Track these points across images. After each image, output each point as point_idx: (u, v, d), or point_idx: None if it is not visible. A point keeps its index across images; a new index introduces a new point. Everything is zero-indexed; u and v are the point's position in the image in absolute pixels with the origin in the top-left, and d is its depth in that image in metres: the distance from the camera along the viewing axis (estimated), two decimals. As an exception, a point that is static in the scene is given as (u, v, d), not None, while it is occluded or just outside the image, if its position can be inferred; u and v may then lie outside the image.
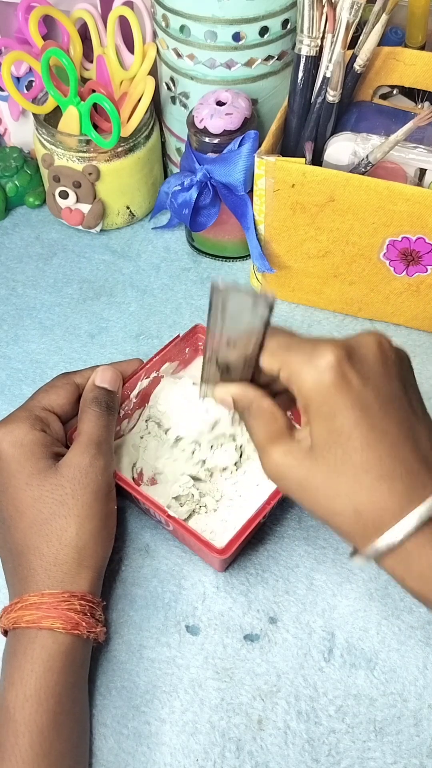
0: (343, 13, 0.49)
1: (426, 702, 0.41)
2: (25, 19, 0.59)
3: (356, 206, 0.50)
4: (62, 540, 0.39)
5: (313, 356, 0.34)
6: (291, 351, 0.35)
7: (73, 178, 0.61)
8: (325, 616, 0.44)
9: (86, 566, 0.40)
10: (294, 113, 0.54)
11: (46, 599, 0.38)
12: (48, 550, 0.39)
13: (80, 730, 0.39)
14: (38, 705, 0.36)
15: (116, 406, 0.45)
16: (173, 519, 0.42)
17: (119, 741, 0.40)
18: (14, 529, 0.40)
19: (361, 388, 0.33)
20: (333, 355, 0.33)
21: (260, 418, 0.37)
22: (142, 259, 0.64)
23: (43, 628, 0.38)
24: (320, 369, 0.33)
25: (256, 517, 0.42)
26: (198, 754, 0.40)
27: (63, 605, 0.38)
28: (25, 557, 0.39)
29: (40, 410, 0.43)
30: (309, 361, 0.34)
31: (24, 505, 0.40)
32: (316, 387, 0.34)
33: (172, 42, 0.57)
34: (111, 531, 0.42)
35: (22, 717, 0.36)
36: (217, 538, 0.44)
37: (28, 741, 0.36)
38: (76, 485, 0.40)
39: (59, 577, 0.39)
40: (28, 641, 0.38)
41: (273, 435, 0.36)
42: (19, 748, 0.35)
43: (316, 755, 0.40)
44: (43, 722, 0.36)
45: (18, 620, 0.38)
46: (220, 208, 0.57)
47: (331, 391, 0.33)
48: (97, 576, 0.41)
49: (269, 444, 0.36)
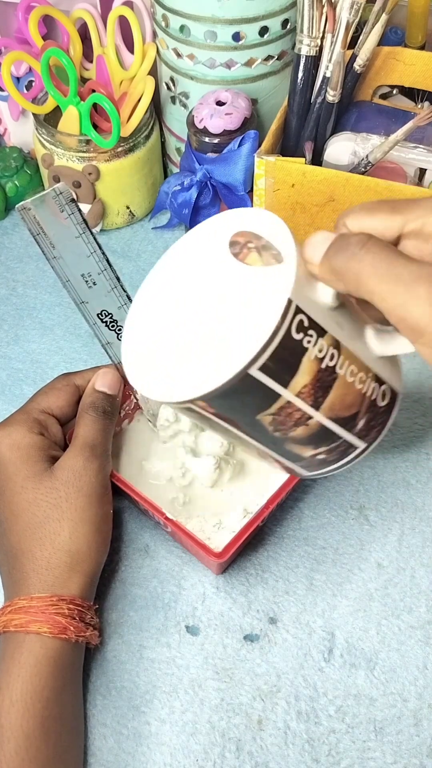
0: (343, 13, 0.49)
1: (426, 702, 0.41)
2: (25, 19, 0.59)
3: (356, 206, 0.50)
4: (55, 544, 0.39)
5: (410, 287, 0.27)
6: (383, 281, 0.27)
7: (73, 178, 0.61)
8: (325, 616, 0.44)
9: (78, 570, 0.40)
10: (294, 113, 0.54)
11: (34, 603, 0.38)
12: (41, 554, 0.39)
13: (70, 734, 0.38)
14: (24, 710, 0.36)
15: (115, 410, 0.45)
16: (171, 521, 0.42)
17: (119, 741, 0.40)
18: (9, 532, 0.40)
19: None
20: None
21: (380, 252, 0.28)
22: (142, 259, 0.64)
23: (30, 632, 0.37)
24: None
25: (254, 521, 0.42)
26: (198, 755, 0.40)
27: (50, 609, 0.38)
28: (19, 560, 0.39)
29: (38, 413, 0.43)
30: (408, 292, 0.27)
31: (19, 508, 0.40)
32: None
33: (172, 42, 0.57)
34: (106, 535, 0.42)
35: (7, 722, 0.36)
36: (216, 540, 0.44)
37: (13, 746, 0.35)
38: (69, 488, 0.40)
39: (50, 581, 0.39)
40: (16, 645, 0.38)
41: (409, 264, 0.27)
42: (4, 754, 0.35)
43: (316, 755, 0.40)
44: (29, 727, 0.36)
45: (8, 624, 0.38)
46: (220, 208, 0.57)
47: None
48: (89, 580, 0.40)
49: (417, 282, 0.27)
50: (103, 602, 0.44)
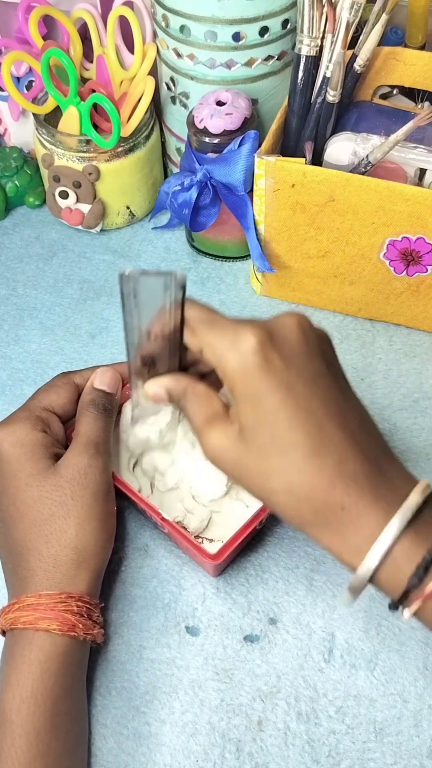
0: (343, 13, 0.49)
1: (426, 702, 0.41)
2: (25, 19, 0.59)
3: (356, 206, 0.50)
4: (61, 541, 0.39)
5: (236, 340, 0.34)
6: (213, 331, 0.35)
7: (73, 178, 0.61)
8: (325, 617, 0.44)
9: (85, 567, 0.40)
10: (294, 113, 0.54)
11: (43, 600, 0.38)
12: (47, 551, 0.39)
13: (78, 731, 0.39)
14: (35, 707, 0.36)
15: (114, 408, 0.45)
16: (168, 522, 0.42)
17: (119, 741, 0.40)
18: (14, 529, 0.40)
19: (285, 370, 0.34)
20: (255, 338, 0.34)
21: (196, 403, 0.37)
22: (142, 259, 0.64)
23: (39, 630, 0.38)
24: (243, 352, 0.34)
25: (250, 523, 0.42)
26: (198, 755, 0.40)
27: (60, 606, 0.38)
28: (25, 558, 0.39)
29: (40, 410, 0.43)
30: (232, 345, 0.34)
31: (24, 505, 0.40)
32: (240, 370, 0.34)
33: (172, 42, 0.57)
34: (111, 532, 0.42)
35: (18, 719, 0.36)
36: (216, 541, 0.44)
37: (25, 743, 0.36)
38: (75, 486, 0.40)
39: (57, 578, 0.39)
40: (25, 642, 0.38)
41: (209, 417, 0.36)
42: (15, 750, 0.35)
43: (316, 756, 0.39)
44: (40, 724, 0.36)
45: (15, 621, 0.38)
46: (220, 208, 0.57)
47: (255, 374, 0.34)
48: (95, 577, 0.41)
49: (206, 427, 0.36)
50: (102, 602, 0.44)
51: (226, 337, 0.35)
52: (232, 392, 0.35)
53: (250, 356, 0.34)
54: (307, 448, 0.33)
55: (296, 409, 0.33)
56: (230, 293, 0.61)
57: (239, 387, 0.34)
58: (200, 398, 0.37)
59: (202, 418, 0.36)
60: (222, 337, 0.35)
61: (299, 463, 0.33)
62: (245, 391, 0.34)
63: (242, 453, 0.35)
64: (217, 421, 0.36)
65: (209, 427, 0.36)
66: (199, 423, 0.36)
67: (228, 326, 0.35)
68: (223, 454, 0.35)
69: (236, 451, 0.35)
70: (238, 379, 0.34)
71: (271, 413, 0.33)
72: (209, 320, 0.36)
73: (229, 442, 0.35)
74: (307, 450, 0.33)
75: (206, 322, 0.36)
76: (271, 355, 0.34)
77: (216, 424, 0.36)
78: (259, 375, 0.34)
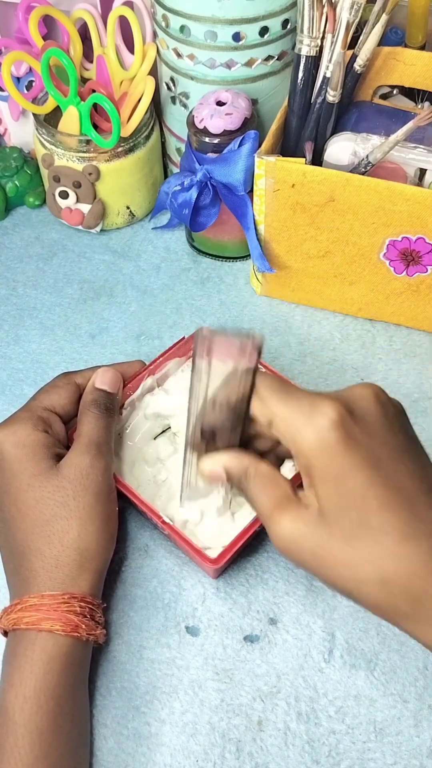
0: (343, 13, 0.49)
1: (426, 703, 0.41)
2: (25, 19, 0.59)
3: (356, 206, 0.50)
4: (64, 541, 0.39)
5: (312, 413, 0.31)
6: (287, 402, 0.33)
7: (73, 178, 0.61)
8: (325, 617, 0.44)
9: (87, 568, 0.40)
10: (294, 113, 0.54)
11: (46, 601, 0.38)
12: (49, 552, 0.39)
13: (80, 731, 0.39)
14: (38, 707, 0.36)
15: (115, 408, 0.45)
16: (168, 525, 0.42)
17: (119, 742, 0.40)
18: (16, 529, 0.40)
19: (368, 445, 0.31)
20: (334, 412, 0.31)
21: (261, 484, 0.34)
22: (142, 259, 0.64)
23: (42, 630, 0.38)
24: (322, 427, 0.31)
25: (251, 527, 0.42)
26: (198, 755, 0.40)
27: (63, 607, 0.38)
28: (27, 558, 0.39)
29: (42, 411, 0.43)
30: (308, 419, 0.31)
31: (26, 506, 0.40)
32: (319, 447, 0.31)
33: (172, 42, 0.57)
34: (113, 532, 0.42)
35: (21, 719, 0.36)
36: (215, 542, 0.44)
37: (28, 742, 0.36)
38: (77, 486, 0.40)
39: (60, 578, 0.39)
40: (28, 643, 0.38)
41: (279, 501, 0.33)
42: (18, 750, 0.35)
43: (316, 756, 0.40)
44: (42, 724, 0.36)
45: (18, 621, 0.38)
46: (220, 208, 0.57)
47: (338, 451, 0.31)
48: (98, 578, 0.41)
49: (277, 511, 0.33)
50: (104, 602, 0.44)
51: (301, 410, 0.32)
52: (309, 471, 0.32)
53: (331, 431, 0.31)
54: (399, 531, 0.30)
55: (385, 487, 0.31)
56: (230, 293, 0.61)
57: (318, 465, 0.31)
58: (266, 479, 0.34)
59: (271, 502, 0.33)
60: (297, 410, 0.32)
61: (393, 548, 0.30)
62: (326, 469, 0.31)
63: (323, 540, 0.31)
64: (289, 505, 0.33)
65: (281, 512, 0.32)
66: (268, 508, 0.33)
67: (303, 398, 0.32)
68: (300, 542, 0.32)
69: (316, 537, 0.31)
70: (316, 456, 0.31)
71: (358, 493, 0.31)
72: (282, 390, 0.33)
73: (306, 529, 0.32)
74: (400, 533, 0.30)
75: (279, 392, 0.33)
76: (352, 430, 0.31)
77: (289, 508, 0.32)
78: (341, 452, 0.31)
